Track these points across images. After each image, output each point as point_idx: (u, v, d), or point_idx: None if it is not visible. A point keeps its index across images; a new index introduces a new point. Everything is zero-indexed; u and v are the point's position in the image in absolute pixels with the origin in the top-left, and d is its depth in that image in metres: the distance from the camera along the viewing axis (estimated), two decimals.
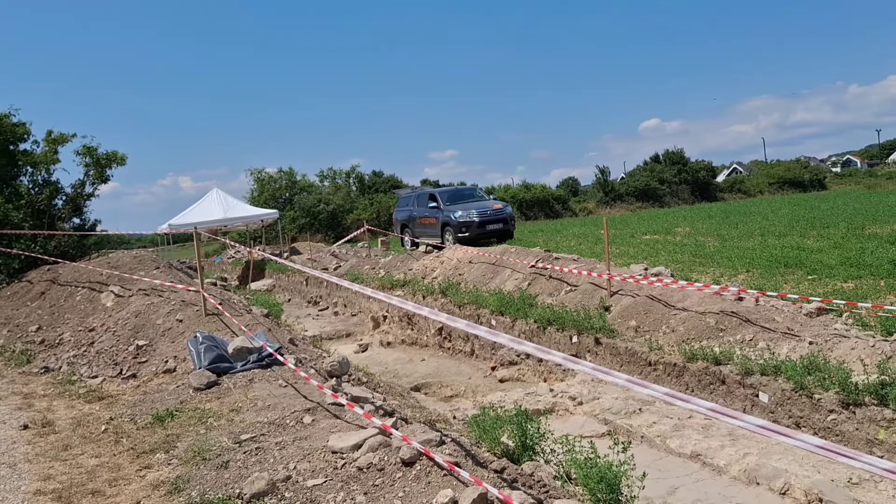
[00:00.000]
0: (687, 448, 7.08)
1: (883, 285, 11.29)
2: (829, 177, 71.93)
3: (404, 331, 15.52)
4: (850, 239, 17.29)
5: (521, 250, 16.11)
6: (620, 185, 63.38)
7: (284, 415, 6.21)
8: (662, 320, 9.94)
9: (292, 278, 24.56)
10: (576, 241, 23.87)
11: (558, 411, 8.75)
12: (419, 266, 18.44)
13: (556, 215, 54.36)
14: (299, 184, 59.59)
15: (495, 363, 12.04)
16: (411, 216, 22.78)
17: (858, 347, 7.42)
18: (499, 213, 20.46)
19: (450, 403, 10.10)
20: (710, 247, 19.10)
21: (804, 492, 5.84)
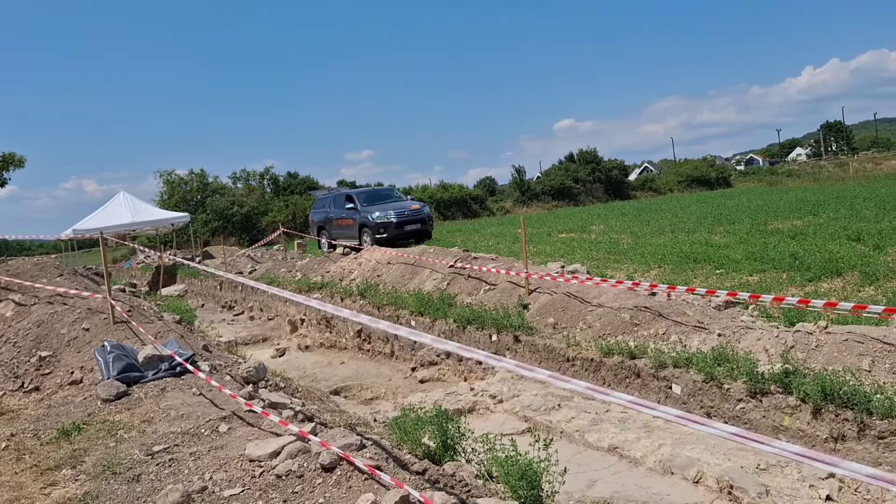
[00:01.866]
0: (605, 441, 7.22)
1: (785, 278, 11.79)
2: (733, 175, 74.83)
3: (323, 334, 15.32)
4: (754, 234, 18.00)
5: (440, 250, 16.13)
6: (537, 184, 64.35)
7: (199, 424, 6.02)
8: (579, 317, 10.11)
9: (205, 283, 23.94)
10: (494, 241, 24.08)
11: (479, 410, 8.79)
12: (337, 268, 18.25)
13: (474, 215, 54.76)
14: (211, 186, 58.09)
15: (415, 364, 12.01)
16: (328, 218, 22.52)
17: (764, 338, 7.71)
18: (417, 214, 20.43)
19: (370, 406, 10.01)
20: (623, 244, 19.57)
21: (716, 479, 6.03)
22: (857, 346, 6.89)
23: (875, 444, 6.17)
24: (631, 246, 18.76)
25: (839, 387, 6.37)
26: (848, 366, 6.67)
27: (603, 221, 29.05)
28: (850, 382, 6.40)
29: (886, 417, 6.06)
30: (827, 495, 5.68)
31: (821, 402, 6.48)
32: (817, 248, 13.98)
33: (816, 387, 6.48)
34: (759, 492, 5.75)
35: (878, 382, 6.39)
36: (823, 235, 15.92)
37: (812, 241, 15.39)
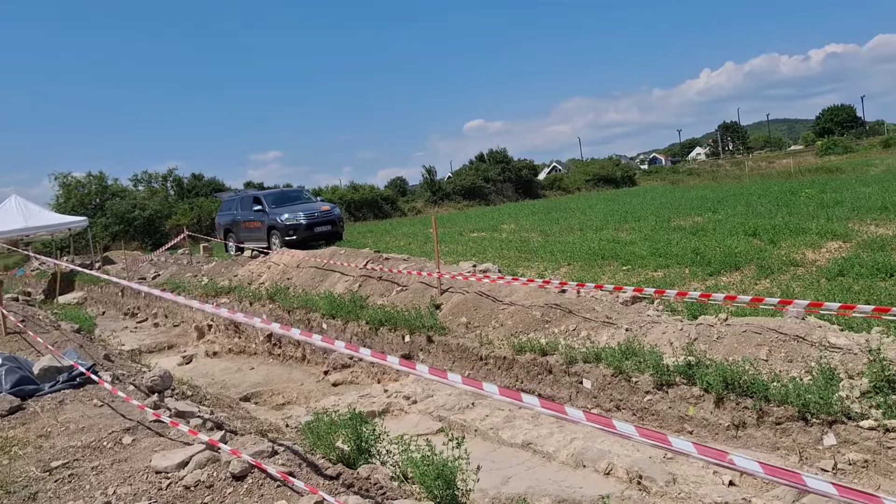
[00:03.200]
0: (518, 438, 7.29)
1: (688, 273, 12.22)
2: (638, 173, 77.19)
3: (231, 339, 14.95)
4: (658, 231, 18.59)
5: (351, 252, 15.99)
6: (447, 184, 64.65)
7: (101, 437, 5.75)
8: (492, 315, 10.19)
9: (106, 289, 22.99)
10: (405, 241, 24.06)
11: (393, 411, 8.74)
12: (245, 272, 17.84)
13: (385, 215, 54.54)
14: (111, 189, 55.78)
15: (328, 367, 11.86)
16: (235, 220, 21.99)
17: (669, 331, 7.96)
18: (327, 215, 20.19)
19: (282, 411, 9.82)
20: (534, 242, 19.87)
21: (626, 470, 6.18)
22: (755, 336, 7.19)
23: (773, 429, 6.45)
24: (541, 244, 19.07)
25: (739, 376, 6.63)
26: (747, 356, 6.95)
27: (513, 220, 29.42)
28: (749, 372, 6.67)
29: (783, 404, 6.34)
30: (730, 481, 5.90)
31: (722, 392, 6.73)
32: (717, 244, 14.54)
33: (718, 377, 6.73)
34: (666, 480, 5.92)
35: (775, 371, 6.68)
36: (722, 231, 16.58)
37: (712, 236, 16.00)
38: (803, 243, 13.54)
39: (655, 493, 5.83)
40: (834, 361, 6.44)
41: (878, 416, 5.79)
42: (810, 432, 6.19)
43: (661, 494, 5.79)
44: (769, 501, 5.51)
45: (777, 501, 5.49)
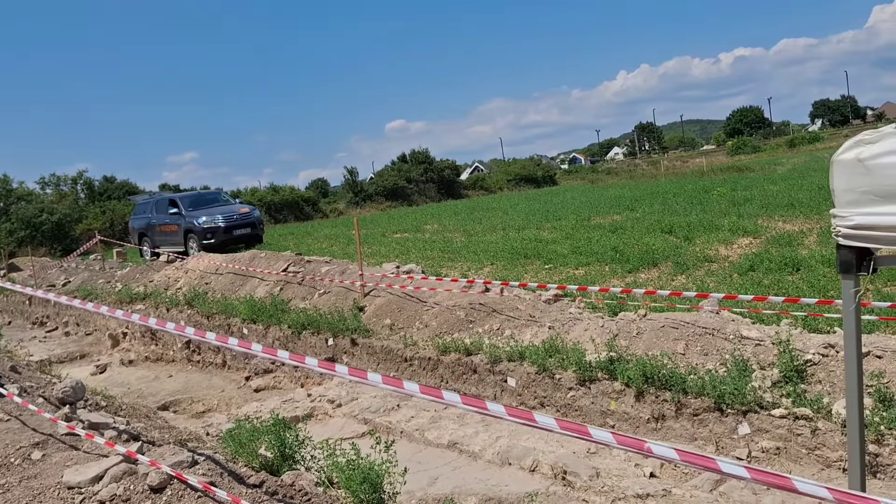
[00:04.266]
0: (444, 438, 7.28)
1: (608, 270, 12.47)
2: (558, 173, 78.40)
3: (148, 347, 14.46)
4: (578, 229, 18.93)
5: (272, 255, 15.71)
6: (370, 185, 64.28)
7: (8, 453, 5.45)
8: (416, 316, 10.16)
9: (12, 298, 21.94)
10: (328, 243, 23.81)
11: (318, 416, 8.61)
12: (161, 277, 17.31)
13: (307, 217, 53.80)
14: (16, 192, 53.23)
15: (249, 373, 11.61)
16: (150, 224, 21.31)
17: (590, 328, 8.09)
18: (246, 218, 19.80)
19: (202, 419, 9.55)
20: (457, 242, 19.94)
21: (551, 466, 6.25)
22: (672, 331, 7.38)
23: (691, 421, 6.63)
24: (464, 244, 19.15)
25: (658, 370, 6.80)
26: (665, 350, 7.12)
27: (436, 221, 29.48)
28: (667, 366, 6.84)
29: (699, 396, 6.53)
30: (651, 472, 6.03)
31: (643, 386, 6.89)
32: (635, 241, 14.90)
33: (638, 372, 6.87)
34: (590, 475, 6.00)
35: (692, 364, 6.87)
36: (640, 229, 17.00)
37: (630, 234, 16.39)
38: (716, 240, 14.01)
39: (580, 487, 5.90)
40: (747, 353, 6.66)
41: (788, 404, 6.02)
42: (726, 422, 6.39)
43: (586, 489, 5.86)
44: (688, 491, 5.65)
45: (696, 490, 5.63)
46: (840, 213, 2.53)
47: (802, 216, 15.84)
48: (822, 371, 6.19)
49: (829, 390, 6.01)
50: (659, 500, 5.58)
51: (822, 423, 5.82)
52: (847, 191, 2.51)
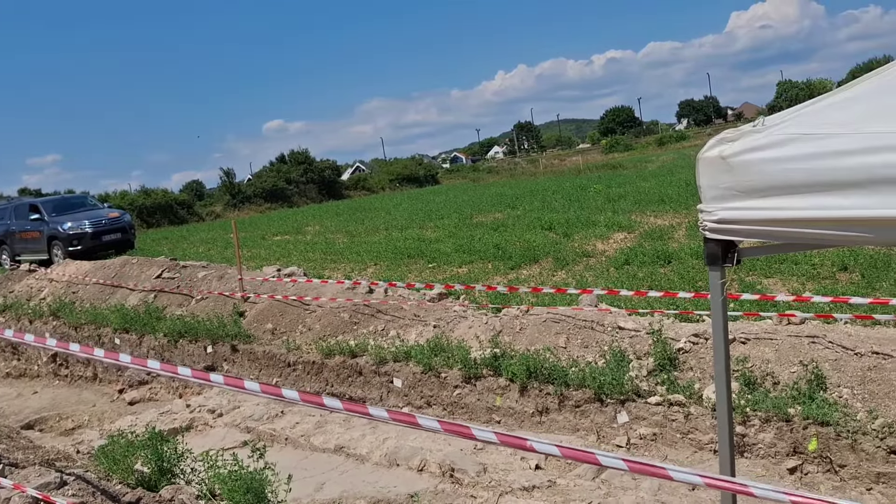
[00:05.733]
0: (331, 443, 7.18)
1: (490, 267, 12.65)
2: (440, 172, 78.90)
3: (9, 362, 13.53)
4: (461, 228, 19.12)
5: (145, 261, 15.02)
6: (248, 186, 62.58)
7: None
8: (299, 320, 9.97)
9: None
10: (205, 247, 23.03)
11: (198, 427, 8.30)
12: (23, 287, 16.23)
13: (182, 221, 51.80)
14: None
15: (123, 385, 11.06)
16: (9, 231, 19.94)
17: (475, 325, 8.17)
18: (116, 222, 18.87)
19: (72, 437, 9.02)
20: (339, 243, 19.73)
21: (438, 465, 6.26)
22: (554, 325, 7.56)
23: (573, 412, 6.80)
24: (347, 245, 18.98)
25: (541, 365, 6.93)
26: (548, 344, 7.28)
27: (318, 222, 29.09)
28: (549, 360, 6.99)
29: (581, 388, 6.71)
30: (536, 464, 6.14)
31: (526, 381, 7.01)
32: (517, 239, 15.20)
33: (522, 367, 6.99)
34: (477, 471, 6.05)
35: (573, 357, 7.05)
36: (521, 226, 17.36)
37: (512, 231, 16.71)
38: (593, 235, 14.48)
39: (467, 484, 5.94)
40: (624, 344, 6.90)
41: (662, 392, 6.28)
42: (606, 412, 6.60)
43: (474, 485, 5.91)
44: (572, 480, 5.79)
45: (579, 479, 5.78)
46: (706, 208, 2.63)
47: (672, 211, 16.61)
48: (693, 358, 6.48)
49: (699, 376, 6.30)
50: (545, 491, 5.69)
51: (694, 407, 6.09)
52: (712, 187, 2.61)
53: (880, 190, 2.18)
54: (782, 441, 5.57)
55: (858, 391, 5.52)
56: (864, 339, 6.02)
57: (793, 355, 6.04)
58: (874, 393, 5.46)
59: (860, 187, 2.23)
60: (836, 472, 5.33)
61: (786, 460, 5.55)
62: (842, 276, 9.02)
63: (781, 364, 6.02)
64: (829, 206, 2.31)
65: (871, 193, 2.20)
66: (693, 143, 64.36)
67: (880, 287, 8.28)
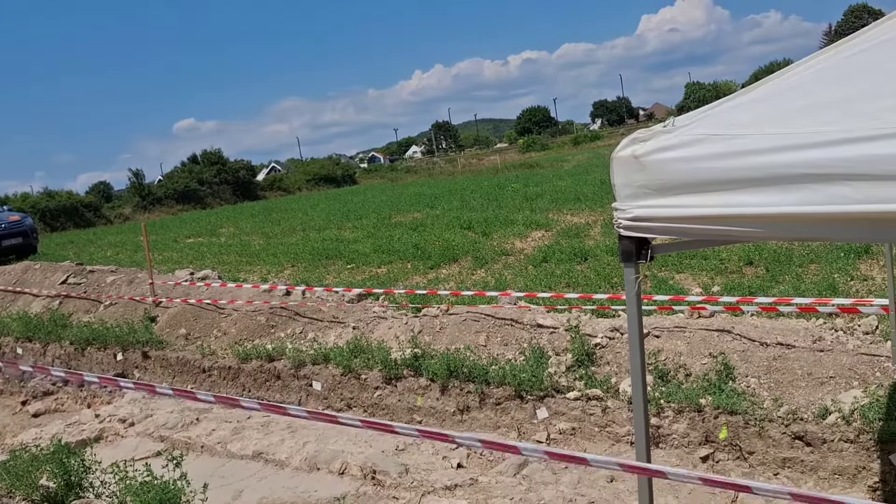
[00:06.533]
0: (249, 449, 7.03)
1: (410, 267, 12.62)
2: (358, 172, 78.36)
3: None
4: (380, 228, 19.02)
5: (49, 266, 14.38)
6: (158, 188, 60.67)
7: None
8: (213, 324, 9.73)
9: None
10: (113, 251, 22.19)
11: (108, 437, 7.98)
12: None
13: (89, 224, 49.80)
14: None
15: (26, 396, 10.54)
16: None
17: (395, 326, 8.14)
18: (17, 226, 18.04)
19: None
20: (255, 245, 19.35)
21: (360, 467, 6.20)
22: (474, 324, 7.60)
23: (494, 410, 6.85)
24: (263, 247, 18.63)
25: (461, 363, 6.96)
26: (468, 343, 7.32)
27: (233, 223, 28.46)
28: (470, 358, 7.03)
29: (501, 385, 6.77)
30: (458, 463, 6.16)
31: (447, 380, 7.02)
32: (436, 238, 15.21)
33: (442, 366, 7.00)
34: (399, 471, 6.03)
35: (493, 355, 7.11)
36: (440, 226, 17.38)
37: (431, 231, 16.72)
38: (512, 234, 14.63)
39: (390, 485, 5.91)
40: (543, 341, 7.00)
41: (581, 386, 6.40)
42: (526, 408, 6.67)
43: (396, 486, 5.88)
44: (494, 477, 5.83)
45: (501, 476, 5.82)
46: (620, 206, 2.68)
47: (588, 209, 16.94)
48: (610, 353, 6.63)
49: (616, 370, 6.45)
50: (467, 489, 5.71)
51: (611, 401, 6.23)
52: (625, 185, 2.66)
53: (782, 188, 2.27)
54: (695, 431, 5.75)
55: (765, 380, 5.75)
56: (769, 330, 6.29)
57: (704, 347, 6.24)
58: (779, 382, 5.69)
59: (764, 185, 2.31)
60: (746, 458, 5.53)
61: (698, 449, 5.74)
62: (748, 270, 9.37)
63: (693, 356, 6.22)
64: (735, 204, 2.38)
65: (774, 191, 2.29)
66: (607, 142, 65.80)
67: (783, 280, 8.64)
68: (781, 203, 2.28)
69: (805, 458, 5.28)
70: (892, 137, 2.05)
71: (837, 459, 5.15)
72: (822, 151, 2.17)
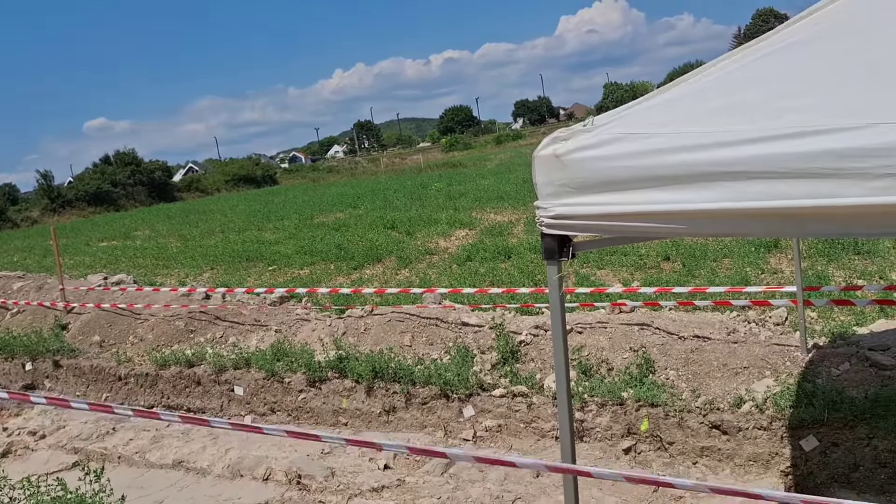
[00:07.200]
0: (169, 458, 6.83)
1: (333, 268, 12.51)
2: (279, 172, 77.16)
3: None
4: (302, 229, 18.79)
5: None
6: (69, 189, 58.38)
7: None
8: (129, 330, 9.41)
9: None
10: (20, 256, 21.24)
11: (16, 451, 7.62)
12: None
13: None
14: None
15: None
16: None
17: (318, 328, 8.04)
18: None
19: None
20: (172, 248, 18.85)
21: (285, 472, 6.11)
22: (399, 324, 7.57)
23: (420, 410, 6.84)
24: (181, 250, 18.17)
25: (387, 364, 6.92)
26: (393, 343, 7.29)
27: (148, 226, 27.66)
28: (395, 359, 7.00)
29: (427, 385, 6.76)
30: (385, 464, 6.12)
31: (373, 381, 6.97)
32: (359, 238, 15.13)
33: (368, 367, 6.95)
34: (325, 475, 5.96)
35: (419, 355, 7.10)
36: (363, 226, 17.30)
37: (354, 231, 16.62)
38: (436, 233, 14.67)
39: (315, 489, 5.84)
40: (468, 339, 7.03)
41: (506, 384, 6.45)
42: (452, 407, 6.69)
43: (322, 490, 5.82)
44: (421, 477, 5.82)
45: (428, 476, 5.82)
46: (542, 204, 2.70)
47: (511, 208, 17.13)
48: (534, 350, 6.70)
49: (540, 367, 6.52)
50: (394, 490, 5.69)
51: (536, 397, 6.30)
52: (547, 184, 2.68)
53: (696, 185, 2.33)
54: (617, 424, 5.87)
55: (683, 372, 5.92)
56: (686, 323, 6.48)
57: (625, 342, 6.38)
58: (696, 373, 5.87)
59: (679, 183, 2.37)
60: (666, 448, 5.68)
61: (621, 441, 5.86)
62: (665, 266, 9.65)
63: (615, 351, 6.35)
64: (653, 201, 2.43)
65: (689, 189, 2.35)
66: (529, 141, 66.67)
67: (699, 274, 8.93)
68: (697, 200, 2.33)
69: (722, 446, 5.45)
70: (799, 136, 2.13)
71: (752, 446, 5.34)
72: (734, 150, 2.24)
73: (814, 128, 2.11)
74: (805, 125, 2.13)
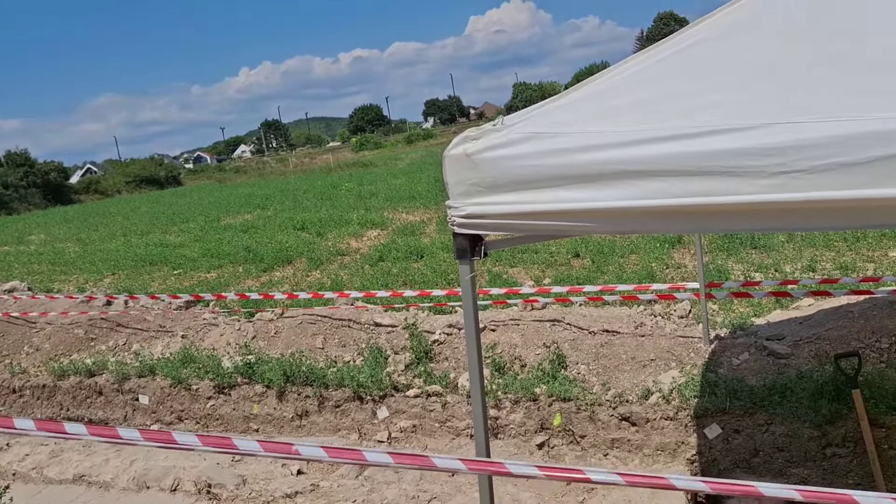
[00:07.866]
0: (69, 472, 6.53)
1: (241, 271, 12.23)
2: (183, 173, 74.95)
3: None
4: (208, 231, 18.29)
5: None
6: None
7: None
8: (24, 340, 8.94)
9: None
10: None
11: None
12: None
13: None
14: None
15: None
16: None
17: (227, 333, 7.83)
18: None
19: None
20: (70, 253, 18.04)
21: (194, 482, 5.93)
22: (310, 326, 7.45)
23: (333, 413, 6.75)
24: (79, 254, 17.41)
25: (298, 367, 6.81)
26: (304, 346, 7.17)
27: (43, 230, 26.39)
28: (307, 362, 6.88)
29: (340, 387, 6.68)
30: (298, 470, 6.02)
31: (284, 385, 6.84)
32: (268, 240, 14.84)
33: (278, 372, 6.81)
34: (236, 483, 5.82)
35: (332, 357, 7.01)
36: (273, 227, 16.98)
37: (263, 233, 16.29)
38: (347, 233, 14.53)
39: (226, 498, 5.69)
40: (381, 340, 6.98)
41: (420, 384, 6.44)
42: (366, 409, 6.63)
43: (233, 499, 5.68)
44: (335, 481, 5.75)
45: (342, 479, 5.76)
46: (454, 204, 2.69)
47: (422, 207, 17.13)
48: (448, 349, 6.71)
49: (454, 366, 6.54)
50: (308, 495, 5.60)
51: (450, 396, 6.31)
52: (458, 183, 2.67)
53: (603, 184, 2.37)
54: (531, 419, 5.95)
55: (593, 366, 6.04)
56: (596, 318, 6.61)
57: (537, 338, 6.47)
58: (606, 367, 6.00)
59: (586, 182, 2.40)
60: (578, 442, 5.79)
61: (535, 437, 5.93)
62: (575, 263, 9.84)
63: (528, 347, 6.43)
64: (562, 200, 2.46)
65: (597, 187, 2.39)
66: (439, 140, 66.91)
67: (607, 270, 9.15)
68: (604, 198, 2.38)
69: (631, 437, 5.60)
70: (697, 136, 2.20)
71: (660, 436, 5.50)
72: (636, 149, 2.29)
73: (710, 127, 2.18)
74: (703, 125, 2.20)
